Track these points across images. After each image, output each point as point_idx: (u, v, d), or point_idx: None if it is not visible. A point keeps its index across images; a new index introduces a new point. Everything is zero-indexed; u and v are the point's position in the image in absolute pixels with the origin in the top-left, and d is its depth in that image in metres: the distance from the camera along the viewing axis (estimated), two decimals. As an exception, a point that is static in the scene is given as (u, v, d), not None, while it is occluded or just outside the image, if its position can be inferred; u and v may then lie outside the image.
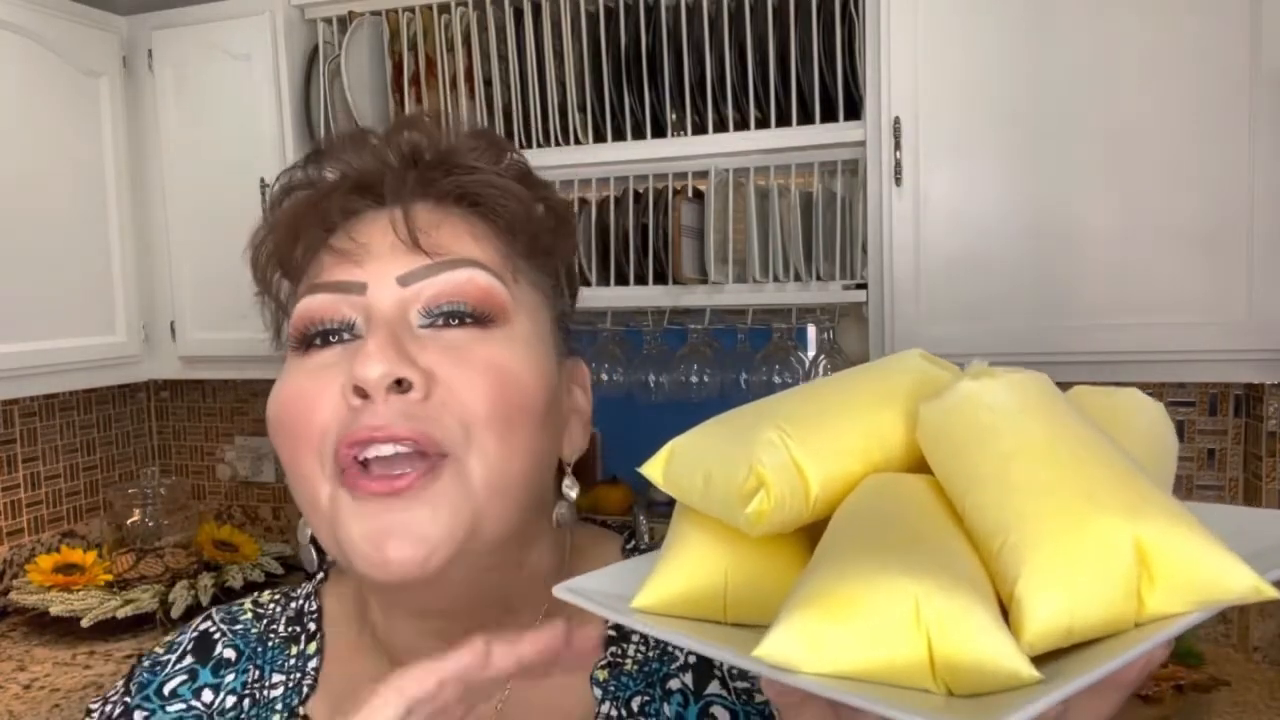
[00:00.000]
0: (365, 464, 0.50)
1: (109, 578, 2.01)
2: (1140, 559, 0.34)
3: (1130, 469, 0.37)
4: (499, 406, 0.51)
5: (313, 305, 0.54)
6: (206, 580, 2.03)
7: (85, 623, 1.88)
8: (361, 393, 0.49)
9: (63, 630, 1.95)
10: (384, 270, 0.53)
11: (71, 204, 1.98)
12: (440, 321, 0.53)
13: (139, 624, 1.95)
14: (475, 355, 0.52)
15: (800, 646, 0.32)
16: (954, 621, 0.32)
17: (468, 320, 0.53)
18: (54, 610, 1.92)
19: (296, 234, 0.55)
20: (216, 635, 0.64)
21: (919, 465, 0.41)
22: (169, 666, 0.63)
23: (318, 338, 0.54)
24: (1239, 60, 1.41)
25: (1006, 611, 0.33)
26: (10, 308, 1.83)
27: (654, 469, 0.42)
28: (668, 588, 0.40)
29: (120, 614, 1.91)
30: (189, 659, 0.63)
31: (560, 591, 0.41)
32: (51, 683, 1.75)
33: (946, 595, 0.32)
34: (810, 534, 0.40)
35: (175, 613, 1.95)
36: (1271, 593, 0.34)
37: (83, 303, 2.00)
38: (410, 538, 0.49)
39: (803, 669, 0.32)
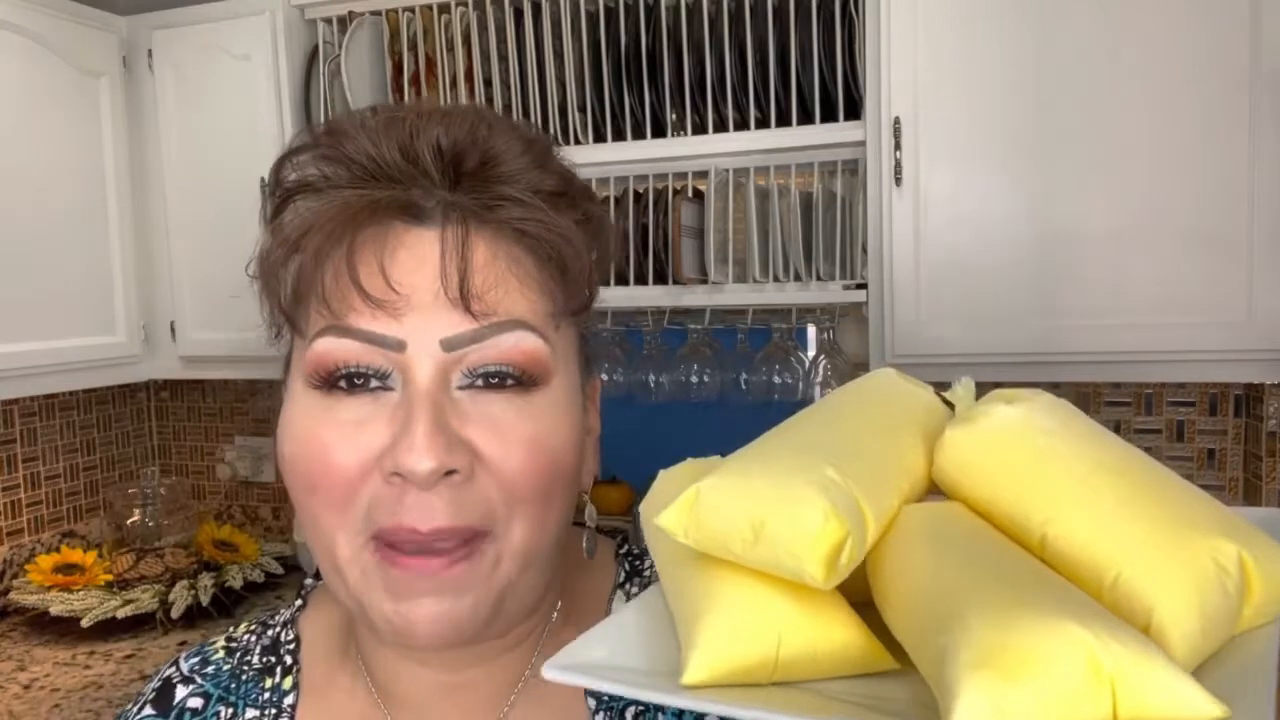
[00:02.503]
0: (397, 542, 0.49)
1: (109, 578, 2.01)
2: (1244, 575, 0.34)
3: (1182, 482, 0.37)
4: (540, 482, 0.50)
5: (340, 350, 0.49)
6: (206, 580, 2.03)
7: (85, 623, 1.88)
8: (402, 475, 0.47)
9: (63, 630, 1.95)
10: (426, 329, 0.48)
11: (71, 204, 1.98)
12: (480, 383, 0.50)
13: (139, 624, 1.95)
14: (515, 431, 0.50)
15: (988, 716, 0.28)
16: (1136, 668, 0.29)
17: (509, 383, 0.50)
18: (54, 610, 1.92)
19: (323, 251, 0.49)
20: (179, 682, 0.62)
21: (933, 491, 0.40)
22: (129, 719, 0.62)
23: (343, 379, 0.50)
24: (1239, 61, 1.41)
25: None
26: (10, 308, 1.83)
27: (674, 520, 0.37)
28: (719, 658, 0.35)
29: (120, 614, 1.91)
30: (149, 710, 0.62)
31: (560, 674, 0.36)
32: (51, 683, 1.75)
33: (1120, 642, 0.30)
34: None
35: (175, 613, 1.95)
36: None
37: (83, 303, 2.00)
38: (442, 618, 0.48)
39: None
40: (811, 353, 1.91)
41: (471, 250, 0.49)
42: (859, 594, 0.38)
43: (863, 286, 1.66)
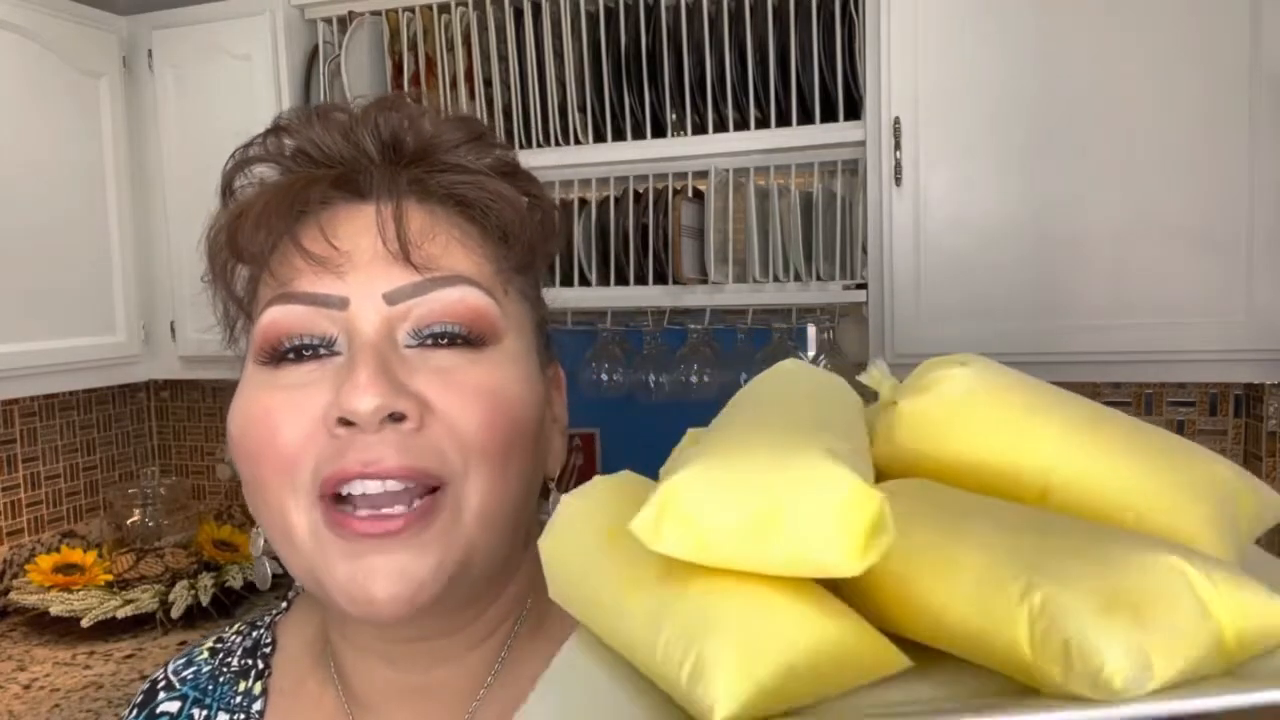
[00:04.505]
0: (348, 498, 0.47)
1: (109, 578, 2.01)
2: (1237, 494, 0.35)
3: (1136, 420, 0.37)
4: (496, 433, 0.48)
5: (286, 317, 0.49)
6: (206, 580, 2.03)
7: (85, 623, 1.88)
8: (347, 423, 0.46)
9: (63, 630, 1.95)
10: (368, 285, 0.48)
11: (71, 204, 1.98)
12: (429, 342, 0.49)
13: (139, 624, 1.95)
14: (468, 380, 0.48)
15: (1138, 661, 0.26)
16: (1231, 588, 0.28)
17: (458, 341, 0.49)
18: (54, 610, 1.92)
19: (264, 225, 0.50)
20: (162, 686, 0.63)
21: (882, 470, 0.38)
22: None
23: (290, 352, 0.49)
24: (1239, 60, 1.41)
25: None
26: (10, 308, 1.83)
27: (654, 526, 0.30)
28: (747, 684, 0.27)
29: (120, 614, 1.91)
30: (134, 713, 0.63)
31: None
32: (51, 683, 1.75)
33: (1207, 563, 0.28)
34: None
35: (175, 613, 1.95)
36: None
37: (83, 303, 2.00)
38: (398, 577, 0.46)
39: (1147, 688, 0.26)
40: (811, 353, 1.91)
41: (408, 211, 0.50)
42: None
43: (863, 286, 1.66)
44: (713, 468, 0.30)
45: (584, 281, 1.83)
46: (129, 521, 2.34)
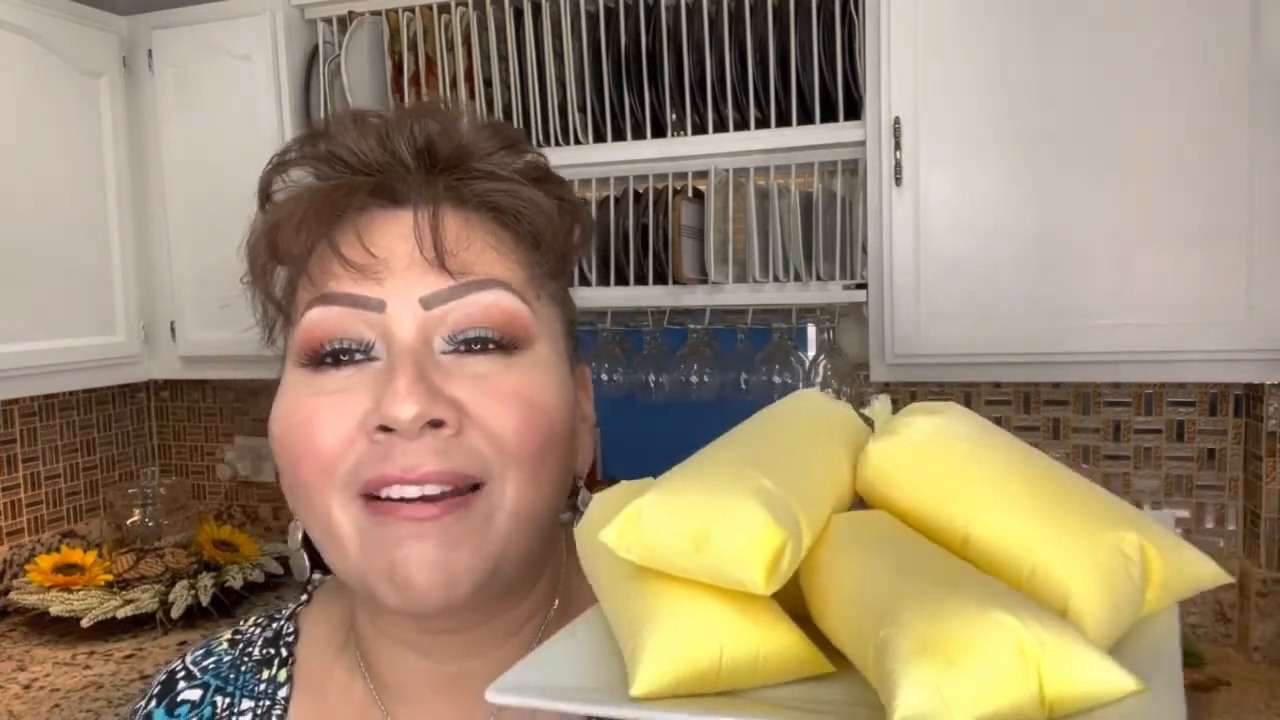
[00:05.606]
0: (387, 499, 0.49)
1: (109, 578, 2.01)
2: (1146, 562, 0.37)
3: (1085, 481, 0.40)
4: (531, 437, 0.50)
5: (325, 320, 0.51)
6: (206, 580, 2.03)
7: (85, 623, 1.88)
8: (387, 429, 0.48)
9: (63, 630, 1.95)
10: (405, 289, 0.50)
11: (71, 204, 1.98)
12: (464, 347, 0.50)
13: (139, 624, 1.95)
14: (503, 386, 0.50)
15: (931, 700, 0.30)
16: (1058, 649, 0.31)
17: (491, 346, 0.51)
18: (54, 610, 1.92)
19: (303, 230, 0.51)
20: (181, 676, 0.64)
21: (858, 502, 0.43)
22: (137, 716, 0.64)
23: (329, 356, 0.51)
24: (1239, 61, 1.41)
25: None
26: (10, 308, 1.83)
27: (617, 536, 0.38)
28: (665, 669, 0.36)
29: (120, 614, 1.91)
30: (153, 704, 0.63)
31: (503, 696, 0.37)
32: (51, 683, 1.75)
33: (1043, 625, 0.31)
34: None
35: (175, 613, 1.95)
36: (1226, 578, 0.39)
37: (83, 303, 2.00)
38: (437, 568, 0.48)
39: None
40: (811, 353, 1.91)
41: (444, 219, 0.51)
42: (792, 606, 0.40)
43: (863, 286, 1.66)
44: (667, 495, 0.38)
45: (584, 281, 1.83)
46: (129, 521, 2.34)
